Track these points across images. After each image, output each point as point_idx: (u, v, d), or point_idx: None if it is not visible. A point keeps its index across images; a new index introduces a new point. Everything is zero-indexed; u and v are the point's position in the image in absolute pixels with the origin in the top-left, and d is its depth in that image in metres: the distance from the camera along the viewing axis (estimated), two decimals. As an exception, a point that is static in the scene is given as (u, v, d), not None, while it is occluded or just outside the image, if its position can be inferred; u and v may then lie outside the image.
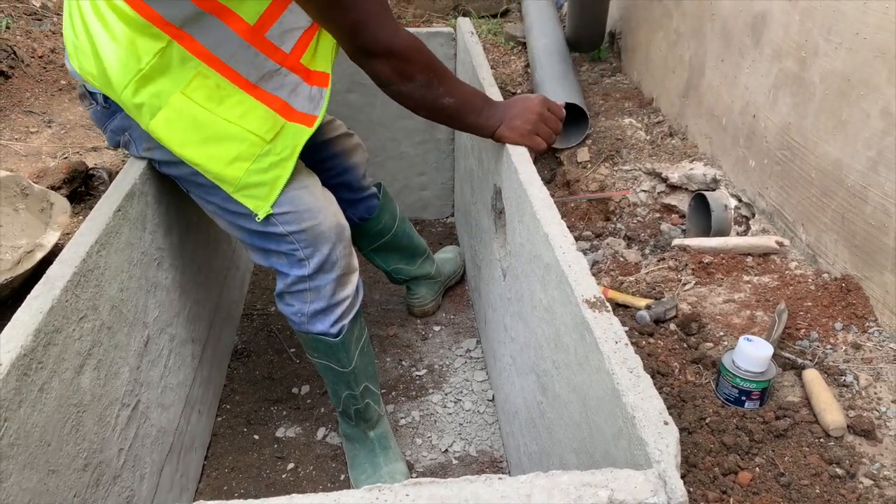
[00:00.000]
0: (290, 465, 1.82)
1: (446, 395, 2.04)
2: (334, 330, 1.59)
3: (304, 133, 1.44)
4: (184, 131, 1.38)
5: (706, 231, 2.20)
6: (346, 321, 1.60)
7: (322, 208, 1.49)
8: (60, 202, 2.21)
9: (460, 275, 2.50)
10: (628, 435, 0.91)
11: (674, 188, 2.40)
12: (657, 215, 2.38)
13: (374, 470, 1.76)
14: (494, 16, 4.56)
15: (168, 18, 1.31)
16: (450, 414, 1.99)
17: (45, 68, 3.20)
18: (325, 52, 1.49)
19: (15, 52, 3.15)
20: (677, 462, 0.85)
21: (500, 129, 1.53)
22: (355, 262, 1.62)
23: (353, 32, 1.30)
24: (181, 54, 1.35)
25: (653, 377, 1.54)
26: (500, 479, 0.82)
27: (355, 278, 1.62)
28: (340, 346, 1.62)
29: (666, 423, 0.89)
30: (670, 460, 0.84)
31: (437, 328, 2.30)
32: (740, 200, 2.18)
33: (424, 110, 1.45)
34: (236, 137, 1.38)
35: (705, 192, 2.21)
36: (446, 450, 1.87)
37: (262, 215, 1.44)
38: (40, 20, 3.49)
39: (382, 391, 2.03)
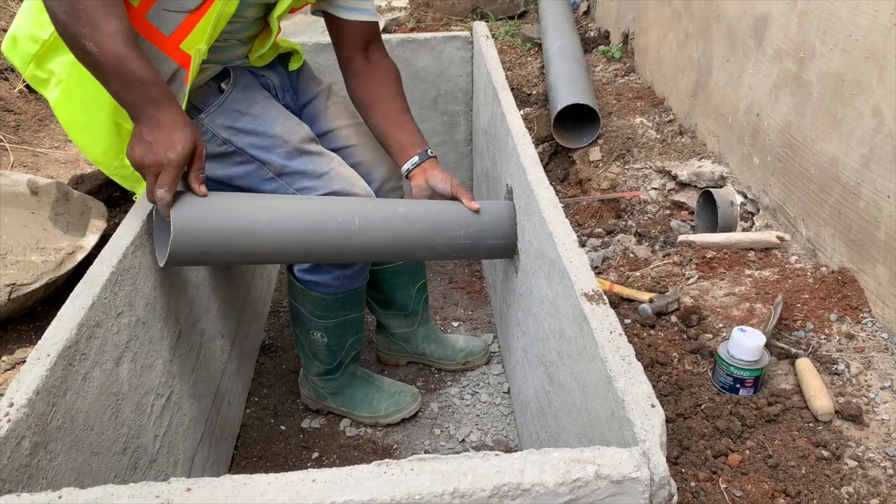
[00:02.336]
0: (315, 455, 1.90)
1: (464, 387, 2.11)
2: (363, 282, 1.78)
3: None
4: (74, 111, 1.45)
5: (714, 227, 2.26)
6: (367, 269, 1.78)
7: (353, 183, 1.60)
8: (98, 206, 2.34)
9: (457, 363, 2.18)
10: (619, 417, 0.99)
11: (683, 185, 2.47)
12: (667, 212, 2.45)
13: (379, 392, 1.95)
14: (512, 17, 4.63)
15: None
16: (467, 406, 2.06)
17: (80, 79, 3.33)
18: (203, 37, 1.39)
19: (52, 64, 3.29)
20: (662, 441, 0.92)
21: (134, 135, 1.31)
22: None
23: None
24: None
25: (652, 366, 1.61)
26: (496, 455, 0.90)
27: None
28: (363, 291, 1.81)
29: (653, 406, 0.97)
30: (655, 439, 0.91)
31: (455, 324, 2.38)
32: (746, 197, 2.25)
33: (68, 42, 1.26)
34: (105, 128, 1.46)
35: (712, 190, 2.27)
36: (463, 440, 1.95)
37: (139, 194, 1.52)
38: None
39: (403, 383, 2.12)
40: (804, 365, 1.54)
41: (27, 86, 3.10)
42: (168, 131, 1.27)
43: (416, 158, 1.64)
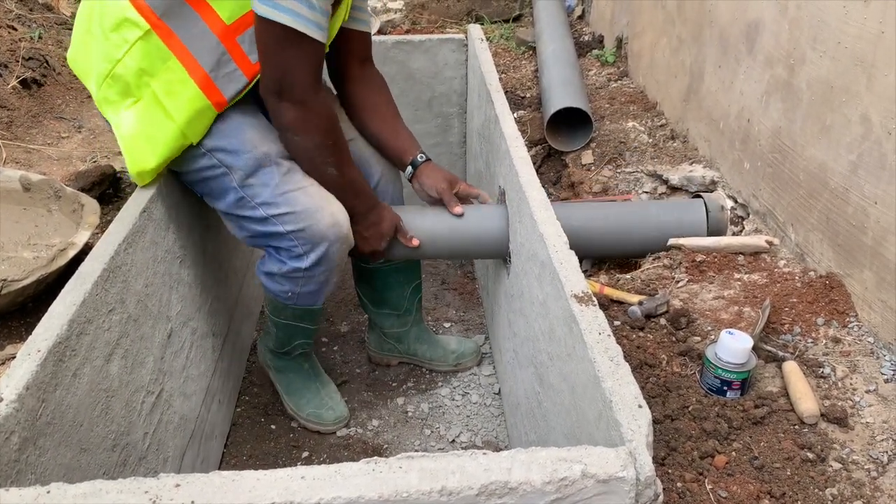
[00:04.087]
0: (305, 454, 1.90)
1: (454, 388, 2.12)
2: (320, 304, 1.76)
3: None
4: (142, 125, 1.49)
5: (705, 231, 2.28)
6: (328, 292, 1.74)
7: (319, 208, 1.54)
8: (90, 203, 2.34)
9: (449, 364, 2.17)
10: (607, 418, 1.00)
11: (674, 189, 2.48)
12: (658, 216, 2.46)
13: (312, 394, 1.95)
14: (507, 21, 4.64)
15: (151, 6, 1.42)
16: (458, 406, 2.06)
17: (74, 76, 3.34)
18: None
19: (47, 61, 3.30)
20: (648, 441, 0.93)
21: (357, 233, 1.65)
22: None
23: (279, 71, 1.38)
24: (161, 51, 1.44)
25: (640, 368, 1.63)
26: (484, 454, 0.90)
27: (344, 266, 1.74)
28: (319, 312, 1.81)
29: (640, 407, 0.98)
30: (641, 439, 0.92)
31: (447, 325, 2.39)
32: (736, 201, 2.27)
33: (307, 165, 1.55)
34: (170, 141, 1.49)
35: (703, 194, 2.29)
36: (453, 440, 1.95)
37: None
38: (70, 30, 3.64)
39: (393, 384, 2.12)
40: (791, 368, 1.56)
41: (21, 82, 3.10)
42: (378, 227, 1.66)
43: (410, 168, 1.77)
